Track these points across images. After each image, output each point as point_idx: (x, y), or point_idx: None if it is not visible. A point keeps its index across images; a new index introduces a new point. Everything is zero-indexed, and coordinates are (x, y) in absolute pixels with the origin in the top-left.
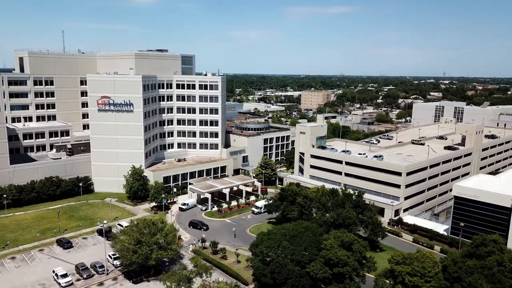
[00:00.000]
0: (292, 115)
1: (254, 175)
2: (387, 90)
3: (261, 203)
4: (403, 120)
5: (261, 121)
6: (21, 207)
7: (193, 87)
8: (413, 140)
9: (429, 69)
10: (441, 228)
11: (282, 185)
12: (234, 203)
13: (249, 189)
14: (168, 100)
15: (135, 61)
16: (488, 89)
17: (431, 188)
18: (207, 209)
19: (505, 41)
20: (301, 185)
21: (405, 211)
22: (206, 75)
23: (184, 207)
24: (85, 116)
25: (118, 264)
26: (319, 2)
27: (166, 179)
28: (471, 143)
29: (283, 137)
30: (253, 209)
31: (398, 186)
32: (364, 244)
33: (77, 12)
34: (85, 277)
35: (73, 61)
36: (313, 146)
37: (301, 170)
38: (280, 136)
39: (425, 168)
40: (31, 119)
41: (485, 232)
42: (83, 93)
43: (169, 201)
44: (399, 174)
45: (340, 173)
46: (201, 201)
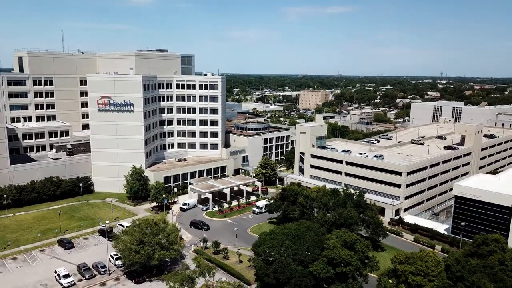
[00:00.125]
0: (290, 115)
1: (254, 175)
2: (384, 90)
3: (262, 203)
4: (402, 120)
5: (261, 121)
6: (21, 208)
7: (193, 87)
8: (412, 139)
9: (427, 69)
10: (441, 227)
11: (282, 185)
12: (234, 203)
13: (249, 189)
14: (168, 100)
15: (135, 61)
16: (485, 89)
17: (431, 187)
18: (208, 209)
19: (503, 41)
20: (301, 185)
21: (405, 210)
22: (206, 75)
23: (185, 207)
24: (84, 116)
25: (120, 264)
26: (317, 2)
27: (166, 179)
28: (471, 142)
29: (283, 137)
30: (254, 209)
31: (398, 185)
32: (366, 243)
33: (76, 12)
34: (87, 277)
35: (73, 61)
36: (313, 146)
37: (301, 170)
38: (280, 136)
39: (425, 167)
40: (30, 119)
41: (486, 231)
42: (83, 93)
43: (170, 201)
44: (400, 173)
45: (340, 173)
46: (201, 201)
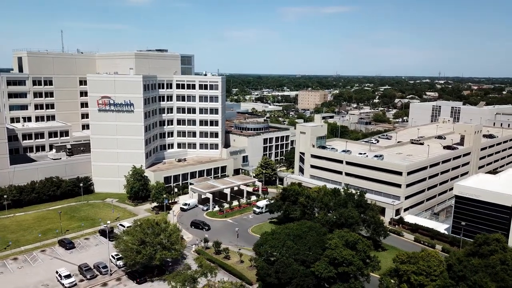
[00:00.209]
0: (289, 115)
1: (254, 175)
2: (383, 90)
3: (262, 203)
4: (400, 120)
5: (260, 121)
6: (22, 208)
7: (193, 87)
8: (412, 139)
9: (425, 69)
10: (441, 227)
11: (282, 185)
12: (235, 203)
13: (249, 189)
14: (168, 100)
15: (135, 61)
16: (483, 89)
17: (431, 187)
18: (208, 209)
19: (501, 42)
20: (302, 185)
21: (405, 210)
22: (206, 75)
23: (185, 207)
24: (84, 116)
25: (121, 264)
26: (315, 2)
27: (167, 179)
28: (470, 142)
29: (283, 137)
30: (255, 209)
31: (398, 185)
32: (368, 243)
33: (75, 12)
34: (88, 277)
35: (72, 61)
36: (314, 146)
37: (301, 170)
38: (279, 136)
39: (425, 167)
40: (30, 119)
41: (486, 231)
42: (82, 93)
43: (170, 201)
44: (400, 173)
45: (340, 173)
46: (202, 201)
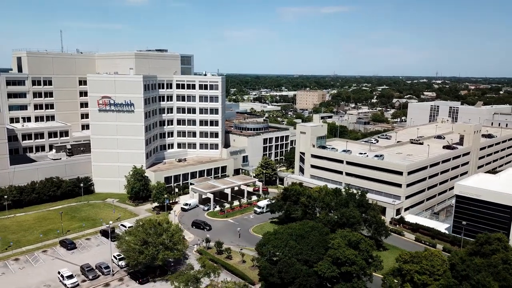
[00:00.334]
0: (288, 115)
1: (254, 175)
2: (381, 90)
3: (263, 203)
4: (399, 119)
5: (260, 121)
6: (22, 208)
7: (193, 87)
8: (411, 139)
9: (422, 69)
10: (442, 226)
11: (282, 185)
12: (236, 203)
13: (250, 189)
14: (168, 100)
15: (135, 61)
16: (480, 88)
17: (431, 187)
18: (209, 209)
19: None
20: (303, 185)
21: (405, 210)
22: (206, 75)
23: (186, 207)
24: (84, 116)
25: (123, 264)
26: (313, 2)
27: (167, 179)
28: (469, 142)
29: (283, 137)
30: (255, 209)
31: (399, 185)
32: (371, 243)
33: (75, 12)
34: (90, 278)
35: (72, 61)
36: (314, 145)
37: (302, 169)
38: (279, 136)
39: (426, 167)
40: (29, 119)
41: (487, 230)
42: (82, 93)
43: (171, 201)
44: (400, 173)
45: (341, 173)
46: (202, 201)
